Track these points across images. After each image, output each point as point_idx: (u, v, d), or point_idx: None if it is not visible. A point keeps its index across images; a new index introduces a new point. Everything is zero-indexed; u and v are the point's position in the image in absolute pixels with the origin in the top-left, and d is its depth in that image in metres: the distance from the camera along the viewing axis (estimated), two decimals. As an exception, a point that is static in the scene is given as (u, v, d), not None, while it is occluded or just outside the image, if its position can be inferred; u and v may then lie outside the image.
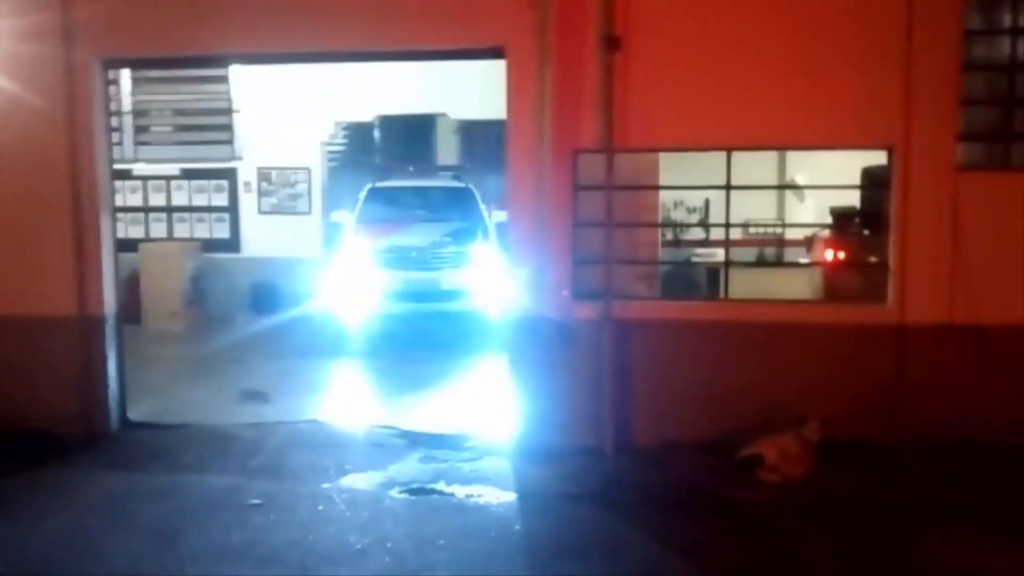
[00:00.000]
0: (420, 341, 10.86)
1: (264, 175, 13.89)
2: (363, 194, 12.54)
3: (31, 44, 7.26)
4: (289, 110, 13.53)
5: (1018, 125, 6.76)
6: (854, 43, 6.62)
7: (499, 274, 9.94)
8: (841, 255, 7.37)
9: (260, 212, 13.97)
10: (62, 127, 7.29)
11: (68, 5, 7.17)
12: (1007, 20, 6.69)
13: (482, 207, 12.27)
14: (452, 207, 12.31)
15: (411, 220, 11.93)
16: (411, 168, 13.89)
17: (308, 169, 13.97)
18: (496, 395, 8.04)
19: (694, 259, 8.37)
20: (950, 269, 6.60)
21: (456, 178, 13.21)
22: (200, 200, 14.04)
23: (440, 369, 9.69)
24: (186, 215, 14.00)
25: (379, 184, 12.73)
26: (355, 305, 11.13)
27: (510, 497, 6.04)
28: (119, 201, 10.09)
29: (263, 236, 13.84)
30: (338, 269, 11.33)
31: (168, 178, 13.98)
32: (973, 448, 6.35)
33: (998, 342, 6.54)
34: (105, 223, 7.50)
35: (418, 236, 11.55)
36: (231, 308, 13.19)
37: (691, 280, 7.93)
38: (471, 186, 12.61)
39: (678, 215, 9.52)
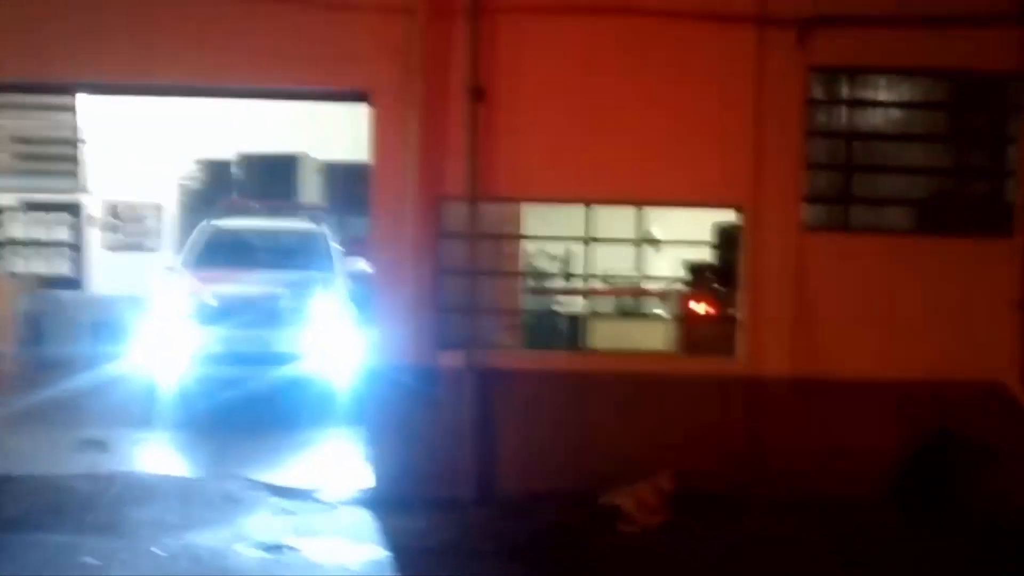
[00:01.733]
0: (244, 412, 8.92)
1: (111, 209, 13.23)
2: (195, 234, 10.85)
3: None
4: (142, 144, 12.98)
5: (856, 189, 7.22)
6: (707, 105, 6.93)
7: (343, 333, 9.23)
8: (697, 308, 7.61)
9: (106, 248, 13.27)
10: None
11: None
12: (846, 92, 7.16)
13: (334, 253, 10.65)
14: (299, 253, 10.57)
15: (248, 266, 10.02)
16: (256, 206, 12.01)
17: (159, 205, 13.40)
18: (353, 447, 7.82)
19: (556, 308, 8.45)
20: (795, 325, 6.93)
21: (314, 219, 11.52)
22: (40, 233, 13.22)
23: (272, 444, 8.31)
24: (23, 249, 13.13)
25: (216, 223, 10.97)
26: (169, 367, 9.24)
27: (366, 552, 5.85)
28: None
29: (109, 273, 13.12)
30: (152, 322, 9.42)
31: (4, 209, 13.10)
32: (815, 502, 6.61)
33: (841, 396, 6.88)
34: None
35: (250, 286, 9.65)
36: (71, 348, 12.35)
37: (555, 330, 8.00)
38: (324, 229, 10.99)
39: (541, 263, 9.62)
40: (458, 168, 6.78)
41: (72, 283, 13.04)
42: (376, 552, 5.85)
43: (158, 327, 9.32)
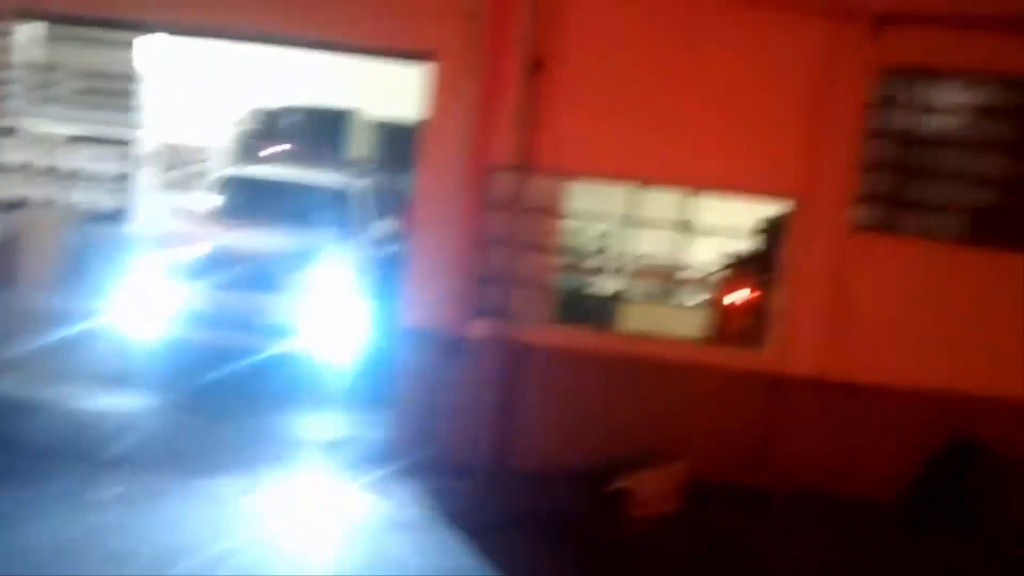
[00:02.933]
0: (225, 386, 7.67)
1: (163, 149, 13.38)
2: (211, 181, 10.36)
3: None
4: (200, 87, 13.09)
5: (910, 193, 7.07)
6: (766, 95, 6.81)
7: (349, 306, 8.29)
8: (734, 298, 7.55)
9: (155, 187, 13.44)
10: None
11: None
12: (910, 93, 7.00)
13: (359, 213, 9.71)
14: (319, 210, 9.42)
15: (258, 219, 9.15)
16: (292, 155, 11.36)
17: (211, 149, 13.52)
18: (370, 405, 7.77)
19: (590, 288, 8.44)
20: (830, 323, 6.83)
21: (355, 174, 10.58)
22: (90, 166, 13.41)
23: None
24: (75, 181, 13.35)
25: (234, 171, 10.43)
26: (144, 323, 8.26)
27: (369, 511, 5.91)
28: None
29: (155, 213, 13.29)
30: (137, 273, 8.40)
31: (61, 139, 13.30)
32: (829, 502, 6.57)
33: (869, 400, 6.79)
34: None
35: (252, 243, 8.69)
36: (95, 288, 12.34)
37: (587, 309, 7.98)
38: (352, 185, 10.01)
39: (579, 241, 9.59)
40: (509, 138, 6.76)
41: (117, 218, 13.23)
42: (380, 513, 5.91)
43: (140, 279, 8.36)
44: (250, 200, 9.73)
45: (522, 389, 6.83)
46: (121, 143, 13.24)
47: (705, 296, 7.74)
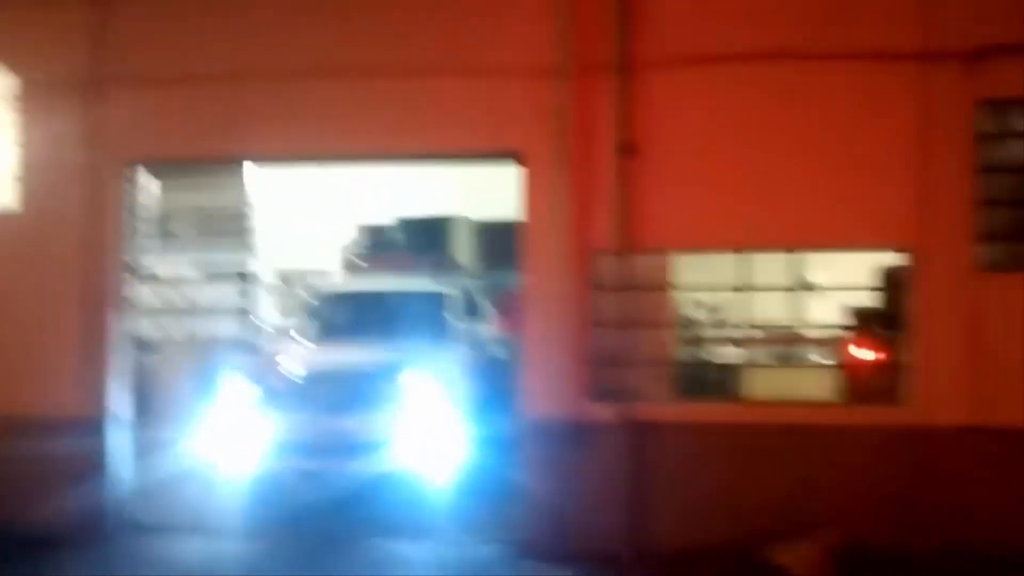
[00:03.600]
0: (323, 516, 7.60)
1: (283, 276, 13.99)
2: (308, 301, 10.15)
3: (60, 147, 7.47)
4: (309, 212, 13.73)
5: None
6: (867, 145, 6.69)
7: (446, 417, 7.86)
8: (861, 355, 7.27)
9: (275, 312, 14.00)
10: (84, 229, 7.40)
11: (93, 110, 7.39)
12: (1014, 127, 6.76)
13: (455, 317, 9.32)
14: (418, 318, 9.19)
15: (356, 335, 9.10)
16: (382, 263, 11.31)
17: (324, 270, 14.06)
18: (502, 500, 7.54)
19: (709, 358, 8.26)
20: (970, 371, 6.49)
21: (454, 277, 10.37)
22: (219, 300, 14.10)
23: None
24: (203, 314, 14.05)
25: (330, 289, 10.38)
26: (235, 457, 7.95)
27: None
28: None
29: (275, 337, 13.79)
30: (223, 405, 8.18)
31: (188, 279, 14.06)
32: (991, 560, 6.13)
33: (1021, 445, 6.37)
34: (114, 321, 7.53)
35: (345, 360, 8.53)
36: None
37: (709, 380, 7.82)
38: (446, 289, 9.73)
39: (694, 314, 9.47)
40: (607, 221, 6.82)
41: (246, 347, 13.78)
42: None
43: (225, 411, 8.09)
44: (346, 315, 9.73)
45: (652, 468, 6.69)
46: (240, 275, 13.90)
47: (829, 356, 7.47)
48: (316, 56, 7.20)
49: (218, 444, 8.01)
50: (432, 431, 7.82)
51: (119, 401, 7.53)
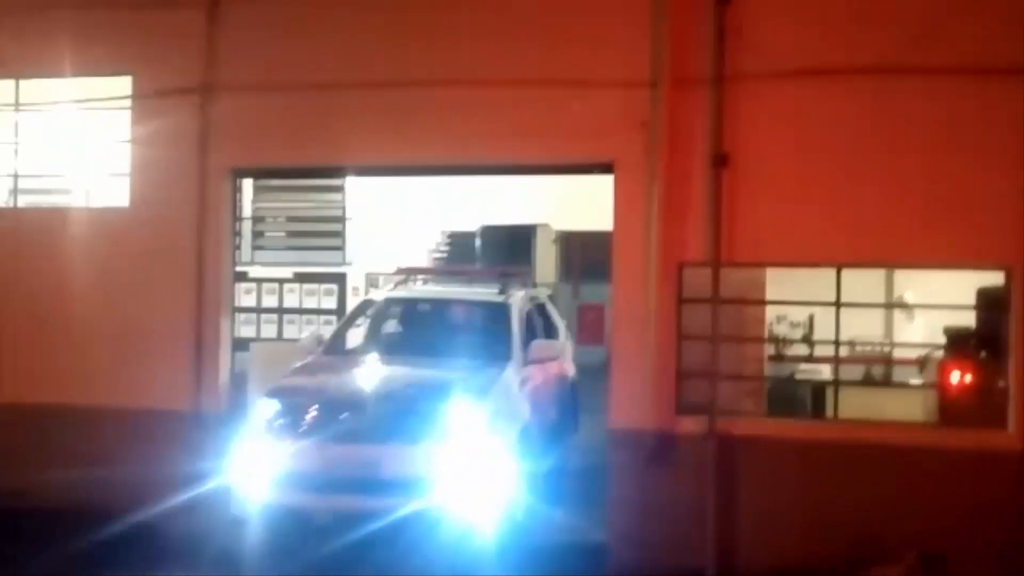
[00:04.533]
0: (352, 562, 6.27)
1: (372, 280, 14.31)
2: (368, 307, 9.13)
3: (168, 150, 7.83)
4: (398, 219, 14.02)
5: None
6: (967, 160, 6.56)
7: (495, 451, 6.61)
8: (959, 377, 7.12)
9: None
10: (192, 231, 7.76)
11: (204, 114, 7.73)
12: None
13: (519, 333, 8.00)
14: (470, 333, 8.22)
15: (410, 348, 8.27)
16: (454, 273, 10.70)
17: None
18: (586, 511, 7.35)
19: (799, 376, 8.18)
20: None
21: (526, 287, 9.31)
22: (310, 303, 14.52)
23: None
24: (296, 316, 14.48)
25: (392, 294, 9.20)
26: (251, 489, 6.72)
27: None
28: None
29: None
30: (246, 431, 6.91)
31: (280, 281, 14.53)
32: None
33: None
34: (225, 324, 7.87)
35: (374, 381, 7.58)
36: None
37: (798, 398, 7.73)
38: (512, 301, 8.38)
39: (781, 330, 9.39)
40: (699, 234, 6.84)
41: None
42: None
43: (246, 439, 6.85)
44: (398, 324, 9.03)
45: (741, 483, 6.66)
46: (332, 279, 14.31)
47: (927, 376, 7.33)
48: (417, 67, 7.38)
49: (235, 472, 6.84)
50: (480, 466, 6.52)
51: (225, 399, 7.82)
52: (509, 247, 14.68)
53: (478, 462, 6.51)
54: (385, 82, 7.39)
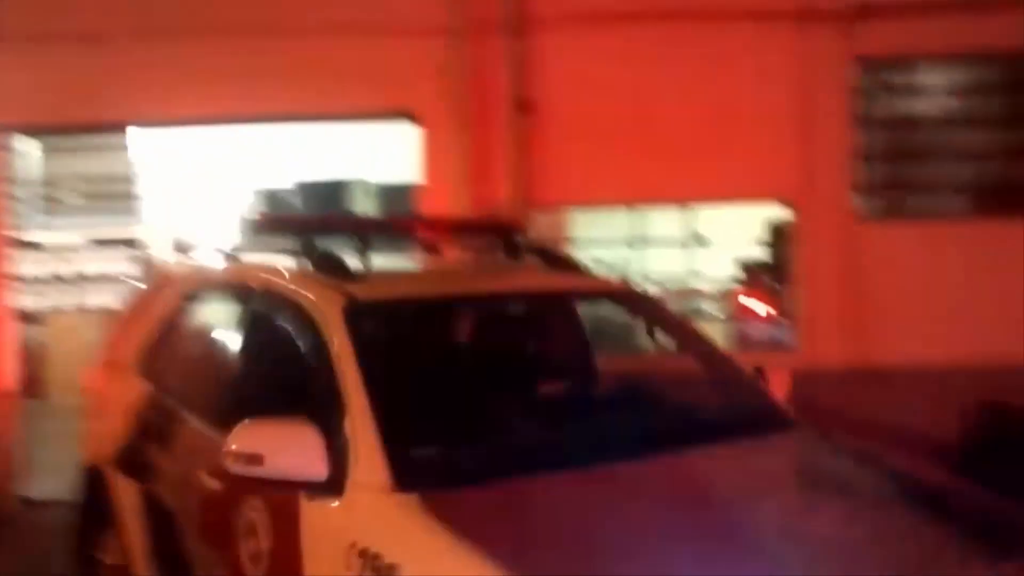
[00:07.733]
0: None
1: (170, 243, 13.57)
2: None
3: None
4: (200, 177, 13.33)
5: (911, 177, 7.11)
6: (751, 101, 6.91)
7: None
8: (752, 306, 7.58)
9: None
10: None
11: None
12: (893, 80, 7.08)
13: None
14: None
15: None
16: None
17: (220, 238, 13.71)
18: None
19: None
20: (852, 316, 6.82)
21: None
22: (103, 268, 13.62)
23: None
24: (95, 283, 13.57)
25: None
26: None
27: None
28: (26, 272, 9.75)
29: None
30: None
31: (76, 248, 13.54)
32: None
33: (903, 385, 6.73)
34: (6, 295, 7.26)
35: None
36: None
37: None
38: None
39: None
40: (505, 180, 6.87)
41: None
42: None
43: None
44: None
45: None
46: (129, 243, 13.46)
47: (721, 308, 7.76)
48: (201, 15, 6.94)
49: None
50: None
51: (14, 375, 7.26)
52: (324, 203, 14.30)
53: None
54: (168, 32, 6.91)
